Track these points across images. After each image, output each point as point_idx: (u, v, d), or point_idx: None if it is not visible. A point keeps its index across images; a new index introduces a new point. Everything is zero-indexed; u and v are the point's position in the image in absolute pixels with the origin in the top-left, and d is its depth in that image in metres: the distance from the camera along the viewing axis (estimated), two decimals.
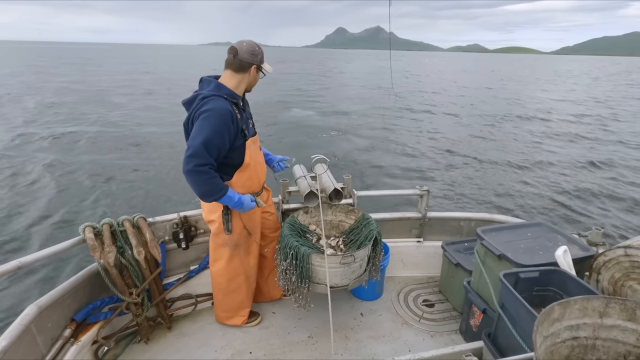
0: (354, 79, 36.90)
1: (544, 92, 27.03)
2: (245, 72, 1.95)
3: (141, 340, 2.25)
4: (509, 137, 12.20)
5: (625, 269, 1.72)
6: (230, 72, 1.95)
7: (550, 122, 15.42)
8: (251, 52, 1.93)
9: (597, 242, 2.13)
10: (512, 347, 1.58)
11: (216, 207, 2.05)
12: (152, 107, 15.84)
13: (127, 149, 9.27)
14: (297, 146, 10.07)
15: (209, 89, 1.90)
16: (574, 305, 1.22)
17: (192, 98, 1.90)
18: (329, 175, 2.52)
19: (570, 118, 16.20)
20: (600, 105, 20.53)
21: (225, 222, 2.07)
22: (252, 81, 2.03)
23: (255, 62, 1.95)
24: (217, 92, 1.88)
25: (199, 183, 1.80)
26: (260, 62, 1.98)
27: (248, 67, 1.94)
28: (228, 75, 1.96)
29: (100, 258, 1.94)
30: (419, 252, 2.95)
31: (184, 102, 1.94)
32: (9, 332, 1.58)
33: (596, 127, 14.48)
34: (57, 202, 6.10)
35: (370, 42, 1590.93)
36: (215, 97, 1.85)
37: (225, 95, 1.88)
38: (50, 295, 1.83)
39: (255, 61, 1.95)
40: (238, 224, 2.11)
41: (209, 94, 1.85)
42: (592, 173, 8.80)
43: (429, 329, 2.45)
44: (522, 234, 2.13)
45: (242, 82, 1.98)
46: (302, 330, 2.40)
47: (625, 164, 9.53)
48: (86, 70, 36.54)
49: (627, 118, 16.78)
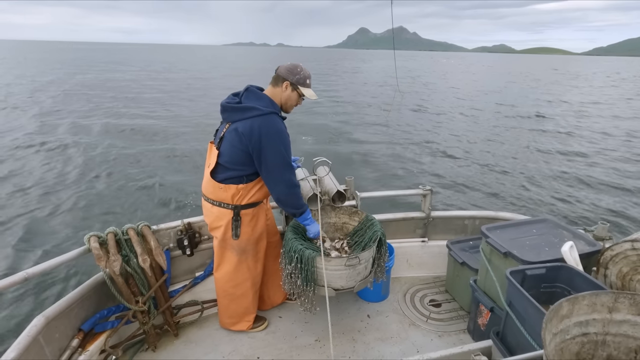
0: (361, 77, 37.06)
1: (547, 93, 26.92)
2: (278, 86, 2.00)
3: (149, 348, 2.25)
4: (510, 136, 12.17)
5: (633, 262, 1.71)
6: (271, 87, 2.03)
7: (548, 120, 15.38)
8: (290, 69, 1.99)
9: (604, 236, 2.12)
10: (521, 345, 1.57)
11: (224, 213, 2.06)
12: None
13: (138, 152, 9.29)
14: (299, 148, 10.09)
15: (264, 104, 1.94)
16: (582, 301, 1.21)
17: (244, 108, 1.92)
18: (332, 178, 2.52)
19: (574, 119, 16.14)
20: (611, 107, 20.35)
21: (234, 227, 2.08)
22: (287, 100, 2.04)
23: (289, 79, 1.98)
24: (273, 109, 1.95)
25: (298, 197, 2.08)
26: (298, 82, 2.00)
27: (282, 82, 1.98)
28: (270, 90, 2.03)
29: (106, 267, 1.95)
30: (424, 252, 2.94)
31: (227, 106, 1.96)
32: (17, 343, 1.58)
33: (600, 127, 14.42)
34: (61, 212, 6.13)
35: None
36: (275, 116, 1.94)
37: (278, 112, 1.99)
38: (57, 306, 1.83)
39: (291, 79, 1.98)
40: (246, 230, 2.12)
41: (268, 111, 1.91)
42: (593, 168, 8.76)
43: (436, 329, 2.43)
44: (527, 230, 2.12)
45: (278, 97, 2.02)
46: (309, 334, 2.39)
47: (629, 159, 9.48)
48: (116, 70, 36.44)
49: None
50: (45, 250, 5.00)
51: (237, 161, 1.95)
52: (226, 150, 1.96)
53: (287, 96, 2.02)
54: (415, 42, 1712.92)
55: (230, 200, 2.02)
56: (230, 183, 1.99)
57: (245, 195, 2.03)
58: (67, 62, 47.46)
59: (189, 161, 8.77)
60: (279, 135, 1.91)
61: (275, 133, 1.90)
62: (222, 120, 2.06)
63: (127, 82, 26.24)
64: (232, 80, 30.63)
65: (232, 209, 2.04)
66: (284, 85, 1.99)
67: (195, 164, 8.38)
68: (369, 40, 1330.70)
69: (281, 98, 2.02)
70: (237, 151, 1.93)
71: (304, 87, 2.03)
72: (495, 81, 37.49)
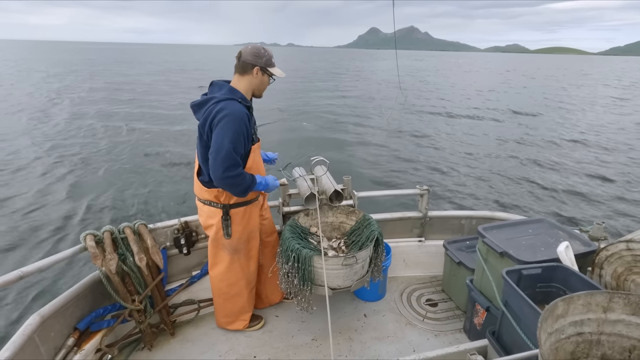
0: (367, 76, 37.06)
1: (541, 93, 27.01)
2: (248, 73, 1.95)
3: (145, 347, 2.24)
4: (510, 135, 12.22)
5: (627, 263, 1.72)
6: (237, 76, 1.97)
7: (545, 118, 15.45)
8: (255, 53, 1.93)
9: (599, 237, 2.13)
10: (517, 345, 1.58)
11: (215, 212, 2.06)
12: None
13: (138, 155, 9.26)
14: (290, 145, 10.07)
15: (222, 93, 1.89)
16: (577, 300, 1.21)
17: (204, 101, 1.89)
18: (329, 177, 2.52)
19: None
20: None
21: (224, 227, 2.07)
22: (259, 85, 2.00)
23: (258, 64, 1.93)
24: (231, 95, 1.88)
25: (237, 184, 1.87)
26: (266, 64, 1.96)
27: (251, 68, 1.93)
28: (236, 79, 1.97)
29: (102, 266, 1.94)
30: (421, 251, 2.95)
31: (193, 105, 1.94)
32: (12, 342, 1.57)
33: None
34: (57, 210, 6.09)
35: (404, 42, 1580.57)
36: (230, 101, 1.85)
37: (239, 98, 1.89)
38: (52, 305, 1.82)
39: (259, 63, 1.93)
40: (237, 229, 2.11)
41: (224, 98, 1.85)
42: (590, 167, 8.81)
43: (432, 329, 2.44)
44: (523, 230, 2.12)
45: (249, 85, 1.97)
46: (306, 333, 2.39)
47: (624, 160, 9.55)
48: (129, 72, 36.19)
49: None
50: (40, 249, 4.97)
51: (206, 159, 1.90)
52: (198, 149, 1.95)
53: (259, 81, 1.98)
54: (426, 42, 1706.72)
55: (216, 199, 2.02)
56: (211, 184, 1.97)
57: (230, 194, 1.99)
58: (96, 62, 46.98)
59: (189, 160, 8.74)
60: (229, 117, 1.80)
61: (226, 115, 1.79)
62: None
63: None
64: None
65: (222, 207, 2.04)
66: (254, 72, 1.94)
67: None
68: (379, 40, 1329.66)
69: (252, 84, 1.97)
70: (203, 148, 1.90)
71: (272, 68, 2.00)
72: (504, 79, 37.34)
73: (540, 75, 47.26)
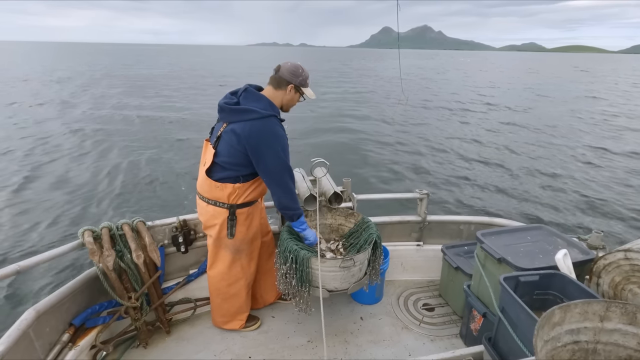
0: (368, 76, 37.09)
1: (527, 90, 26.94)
2: (282, 88, 1.99)
3: (140, 344, 2.23)
4: (509, 140, 12.22)
5: (625, 272, 1.72)
6: (272, 88, 2.00)
7: (542, 116, 15.45)
8: (292, 72, 1.97)
9: (597, 245, 2.13)
10: (513, 352, 1.57)
11: (220, 212, 2.05)
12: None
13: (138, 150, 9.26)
14: (290, 144, 10.07)
15: (262, 106, 1.92)
16: (574, 309, 1.21)
17: (244, 110, 1.90)
18: (329, 179, 2.52)
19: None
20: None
21: (229, 227, 2.07)
22: (289, 101, 2.04)
23: (293, 82, 1.98)
24: (272, 111, 1.93)
25: (295, 201, 2.06)
26: (301, 84, 2.00)
27: (286, 85, 1.97)
28: (270, 91, 2.01)
29: (99, 262, 1.94)
30: (419, 255, 2.94)
31: (226, 106, 1.93)
32: (7, 337, 1.56)
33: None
34: (55, 206, 6.09)
35: (417, 41, 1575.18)
36: (273, 119, 1.92)
37: (277, 114, 1.97)
38: (48, 300, 1.82)
39: (295, 81, 1.98)
40: (241, 229, 2.11)
41: (267, 114, 1.89)
42: (588, 174, 8.81)
43: (429, 333, 2.44)
44: (521, 237, 2.12)
45: (281, 100, 2.02)
46: (302, 335, 2.39)
47: (624, 169, 9.55)
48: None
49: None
50: (38, 243, 4.96)
51: (235, 162, 1.94)
52: (224, 150, 1.94)
53: (290, 98, 2.03)
54: (439, 41, 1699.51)
55: (226, 199, 2.01)
56: (227, 182, 1.98)
57: (241, 194, 2.02)
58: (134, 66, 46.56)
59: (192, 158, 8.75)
60: (277, 138, 1.90)
61: (274, 136, 1.89)
62: (218, 119, 2.04)
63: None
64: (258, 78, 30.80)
65: (228, 208, 2.04)
66: (288, 88, 1.99)
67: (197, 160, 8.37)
68: (392, 39, 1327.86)
69: (284, 99, 2.02)
70: (235, 152, 1.92)
71: (305, 88, 2.04)
72: (507, 78, 37.17)
73: (563, 74, 46.34)
